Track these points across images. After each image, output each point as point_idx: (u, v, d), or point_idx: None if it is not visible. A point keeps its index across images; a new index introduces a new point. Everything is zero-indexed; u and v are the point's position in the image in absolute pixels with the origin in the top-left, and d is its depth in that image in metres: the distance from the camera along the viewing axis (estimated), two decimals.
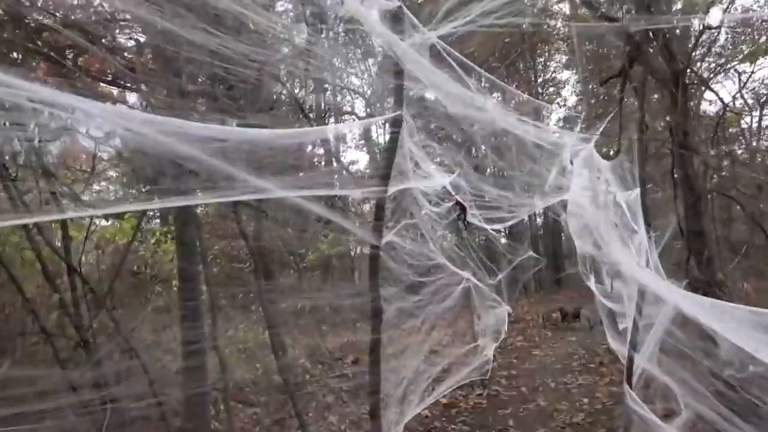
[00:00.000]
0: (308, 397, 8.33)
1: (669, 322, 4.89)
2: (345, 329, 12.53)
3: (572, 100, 24.44)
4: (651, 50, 6.58)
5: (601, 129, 6.67)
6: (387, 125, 4.06)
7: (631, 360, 4.58)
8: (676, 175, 6.16)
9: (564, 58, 22.91)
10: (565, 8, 13.17)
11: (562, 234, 29.50)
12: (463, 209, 9.53)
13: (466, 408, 7.47)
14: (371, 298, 3.84)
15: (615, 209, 5.09)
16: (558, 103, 25.79)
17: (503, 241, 14.54)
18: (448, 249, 8.19)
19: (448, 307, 7.94)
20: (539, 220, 27.64)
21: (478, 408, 7.52)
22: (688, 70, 6.31)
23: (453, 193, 8.59)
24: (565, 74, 24.25)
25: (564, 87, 25.01)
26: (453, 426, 6.80)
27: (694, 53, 6.33)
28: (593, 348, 10.74)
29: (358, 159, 29.69)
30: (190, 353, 5.26)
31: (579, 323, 13.49)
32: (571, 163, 8.90)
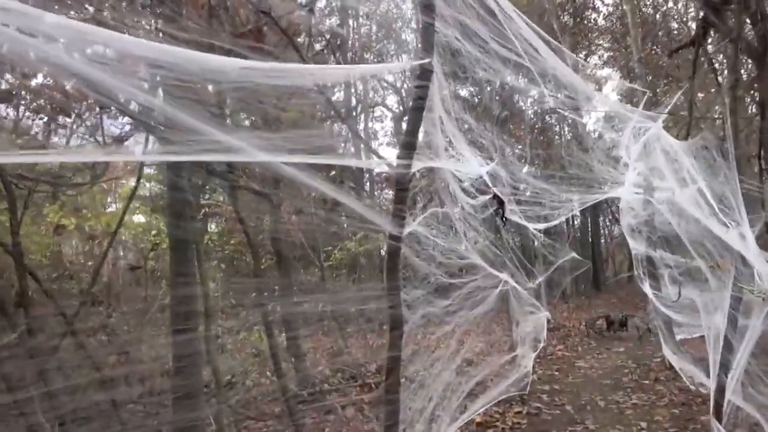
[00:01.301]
0: (326, 408, 7.54)
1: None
2: (371, 332, 11.72)
3: (614, 97, 23.12)
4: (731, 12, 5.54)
5: (669, 107, 5.63)
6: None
7: (722, 389, 3.59)
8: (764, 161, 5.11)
9: (605, 54, 21.67)
10: None
11: (602, 235, 28.13)
12: (501, 204, 8.56)
13: (504, 428, 6.54)
14: (389, 303, 2.99)
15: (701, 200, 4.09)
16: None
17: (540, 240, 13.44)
18: (483, 247, 7.25)
19: (483, 312, 7.02)
20: (577, 221, 26.24)
21: (517, 428, 6.59)
22: None
23: (490, 184, 7.67)
24: (605, 70, 22.94)
25: (606, 83, 23.67)
26: None
27: None
28: (644, 361, 9.63)
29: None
30: (181, 362, 4.52)
31: (626, 332, 12.33)
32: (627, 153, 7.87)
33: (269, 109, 2.42)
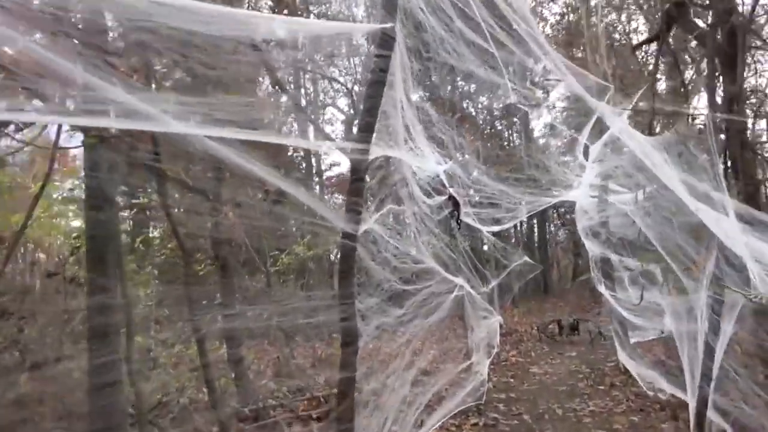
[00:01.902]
0: (270, 425, 6.94)
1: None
2: (319, 340, 11.17)
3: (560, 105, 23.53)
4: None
5: (633, 103, 5.42)
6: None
7: (704, 400, 3.30)
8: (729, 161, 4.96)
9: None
10: None
11: (548, 239, 28.52)
12: (456, 205, 8.25)
13: None
14: (342, 314, 2.51)
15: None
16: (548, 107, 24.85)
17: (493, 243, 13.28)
18: (438, 251, 6.88)
19: (439, 319, 6.64)
20: (524, 226, 26.48)
21: None
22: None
23: (447, 184, 7.32)
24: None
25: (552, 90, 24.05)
26: None
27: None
28: (598, 365, 9.53)
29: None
30: (99, 381, 3.87)
31: (578, 336, 12.30)
32: (585, 154, 7.70)
33: (194, 66, 1.91)
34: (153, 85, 3.20)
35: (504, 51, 3.95)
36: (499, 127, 24.67)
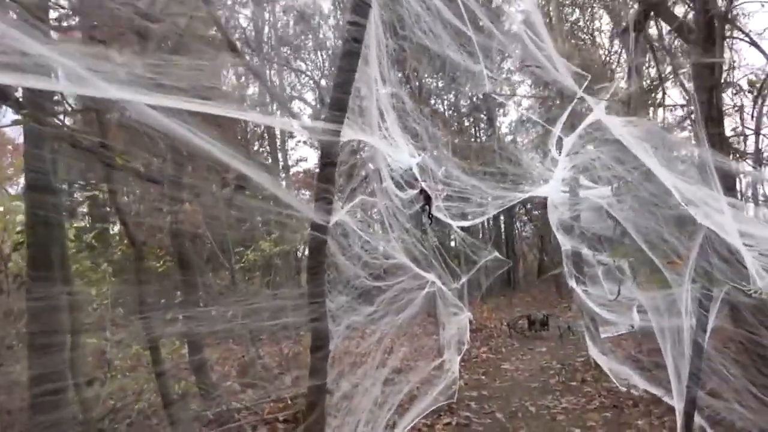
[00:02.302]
0: (234, 429, 6.60)
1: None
2: (286, 338, 10.81)
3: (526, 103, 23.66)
4: None
5: (611, 91, 5.29)
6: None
7: (692, 402, 3.15)
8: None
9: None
10: None
11: (515, 235, 28.69)
12: (428, 200, 8.04)
13: None
14: (312, 314, 2.25)
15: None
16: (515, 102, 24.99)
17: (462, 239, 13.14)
18: (410, 246, 6.66)
19: (410, 316, 6.43)
20: (491, 221, 26.56)
21: None
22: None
23: (419, 178, 7.10)
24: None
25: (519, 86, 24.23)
26: None
27: None
28: (569, 361, 9.48)
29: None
30: (40, 390, 3.50)
31: (547, 332, 12.29)
32: (558, 147, 7.59)
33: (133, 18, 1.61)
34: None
35: (482, 35, 3.75)
36: (467, 124, 24.72)
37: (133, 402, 6.45)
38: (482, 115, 24.51)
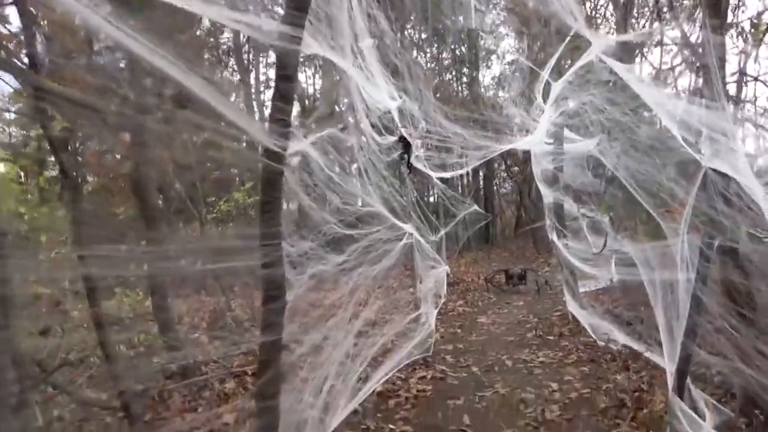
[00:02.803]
0: (200, 383, 6.34)
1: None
2: (258, 290, 10.49)
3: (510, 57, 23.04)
4: None
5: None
6: None
7: (687, 360, 2.92)
8: None
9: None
10: None
11: (495, 189, 28.52)
12: (407, 148, 7.64)
13: (407, 398, 5.77)
14: (264, 258, 1.88)
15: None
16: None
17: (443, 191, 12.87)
18: (388, 195, 6.31)
19: (386, 268, 6.14)
20: (470, 176, 26.27)
21: (422, 396, 5.85)
22: None
23: (398, 123, 6.68)
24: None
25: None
26: (390, 427, 5.07)
27: None
28: (545, 315, 9.39)
29: None
30: None
31: (524, 286, 12.21)
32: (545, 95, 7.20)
33: None
34: None
35: None
36: (448, 77, 24.12)
37: (91, 354, 6.12)
38: (465, 68, 23.90)
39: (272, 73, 21.98)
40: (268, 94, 21.91)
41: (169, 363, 6.34)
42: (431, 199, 20.42)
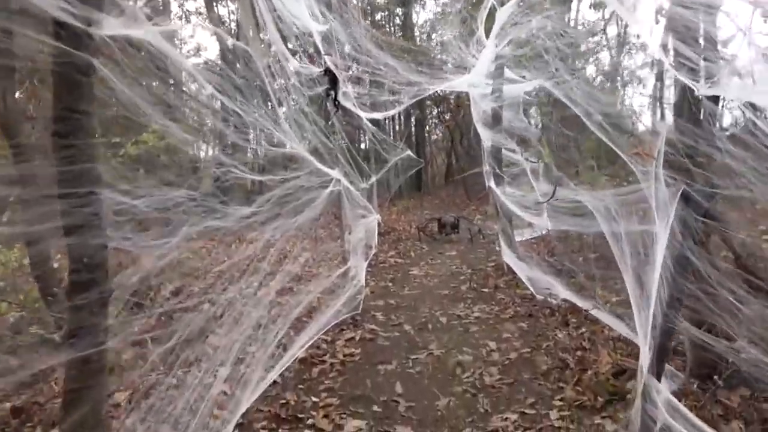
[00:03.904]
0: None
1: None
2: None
3: None
4: None
5: None
6: None
7: (668, 333, 2.39)
8: None
9: None
10: None
11: (426, 136, 27.99)
12: (334, 82, 6.73)
13: (333, 365, 5.16)
14: (65, 219, 1.04)
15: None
16: None
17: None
18: (310, 135, 5.46)
19: (309, 219, 5.37)
20: (402, 122, 25.49)
21: (350, 361, 5.26)
22: None
23: (323, 51, 5.77)
24: None
25: None
26: (313, 399, 4.44)
27: None
28: (479, 266, 9.03)
29: None
30: None
31: (457, 235, 11.85)
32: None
33: None
34: None
35: None
36: (378, 18, 22.92)
37: None
38: (398, 9, 22.75)
39: None
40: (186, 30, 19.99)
41: (51, 332, 5.36)
42: (362, 145, 19.58)
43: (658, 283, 2.40)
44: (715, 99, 2.27)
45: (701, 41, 2.26)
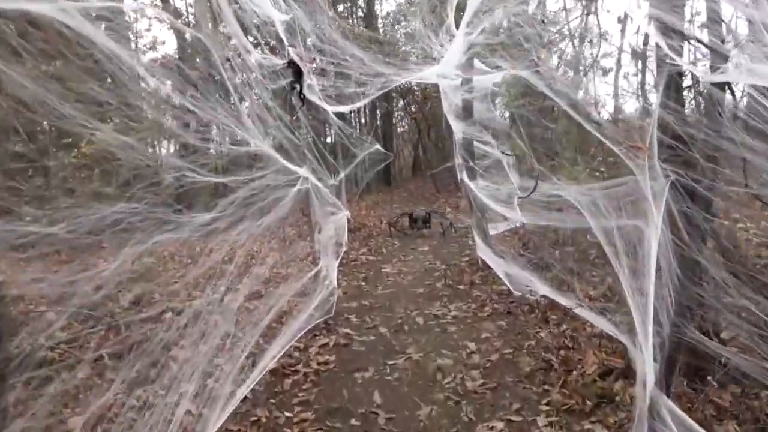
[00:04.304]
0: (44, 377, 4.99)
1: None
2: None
3: None
4: None
5: None
6: None
7: (677, 346, 2.20)
8: None
9: None
10: None
11: (394, 127, 27.70)
12: (298, 75, 6.38)
13: (307, 375, 4.88)
14: None
15: None
16: None
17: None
18: (275, 130, 5.13)
19: (276, 221, 5.05)
20: (368, 115, 25.11)
21: (324, 370, 4.99)
22: None
23: (285, 41, 5.43)
24: None
25: None
26: (286, 415, 4.16)
27: None
28: (453, 261, 8.85)
29: None
30: None
31: (429, 229, 11.65)
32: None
33: None
34: None
35: None
36: (341, 9, 22.48)
37: None
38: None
39: None
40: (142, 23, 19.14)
41: None
42: (329, 140, 19.15)
43: (661, 287, 2.21)
44: (721, 86, 2.07)
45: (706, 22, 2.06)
